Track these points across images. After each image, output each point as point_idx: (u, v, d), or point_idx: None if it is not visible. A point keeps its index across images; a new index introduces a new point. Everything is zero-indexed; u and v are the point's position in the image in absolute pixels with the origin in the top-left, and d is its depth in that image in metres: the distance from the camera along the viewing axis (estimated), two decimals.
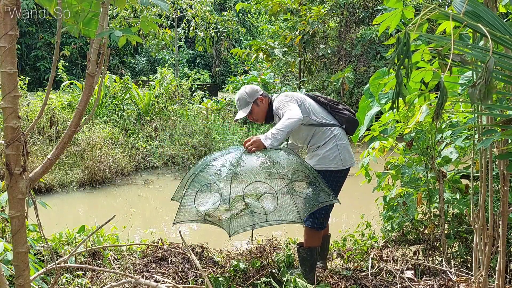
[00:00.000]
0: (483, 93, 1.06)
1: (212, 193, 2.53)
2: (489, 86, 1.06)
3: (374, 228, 3.52)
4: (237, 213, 2.44)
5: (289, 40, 10.10)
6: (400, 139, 3.09)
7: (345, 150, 2.85)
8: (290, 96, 2.87)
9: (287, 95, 2.88)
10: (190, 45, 20.09)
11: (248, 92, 2.91)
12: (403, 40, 1.17)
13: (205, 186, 2.52)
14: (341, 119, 2.90)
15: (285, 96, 2.87)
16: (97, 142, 6.83)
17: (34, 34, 17.11)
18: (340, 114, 2.91)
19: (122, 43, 1.60)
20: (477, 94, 1.07)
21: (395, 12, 2.06)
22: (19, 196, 1.34)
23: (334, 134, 2.84)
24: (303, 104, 2.83)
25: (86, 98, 1.43)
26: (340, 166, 2.82)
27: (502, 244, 1.87)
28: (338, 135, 2.85)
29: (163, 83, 9.37)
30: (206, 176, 2.55)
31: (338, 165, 2.81)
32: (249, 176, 2.47)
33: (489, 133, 1.73)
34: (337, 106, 2.95)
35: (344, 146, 2.86)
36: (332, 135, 2.84)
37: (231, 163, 2.50)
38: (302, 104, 2.82)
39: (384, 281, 2.82)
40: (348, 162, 2.86)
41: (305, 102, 2.85)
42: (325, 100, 2.96)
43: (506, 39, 1.26)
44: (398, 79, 1.21)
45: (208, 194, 2.53)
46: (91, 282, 2.68)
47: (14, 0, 1.20)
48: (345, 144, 2.87)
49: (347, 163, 2.85)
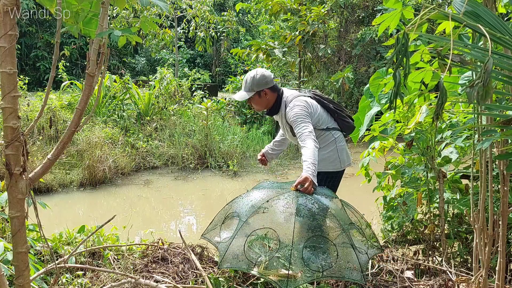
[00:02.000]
0: (481, 94, 1.06)
1: (265, 244, 2.21)
2: (487, 87, 1.06)
3: (374, 228, 3.52)
4: (294, 270, 2.09)
5: (289, 40, 10.09)
6: (400, 139, 3.09)
7: (344, 152, 2.93)
8: (305, 108, 2.73)
9: (303, 107, 2.73)
10: (190, 45, 20.10)
11: (257, 79, 2.75)
12: (401, 41, 1.17)
13: (258, 236, 2.20)
14: (343, 126, 2.97)
15: (301, 108, 2.72)
16: (97, 142, 6.83)
17: (34, 34, 17.12)
18: (344, 122, 2.96)
19: (122, 43, 1.60)
20: (475, 94, 1.07)
21: (394, 13, 2.06)
22: (19, 196, 1.34)
23: (335, 138, 2.90)
24: (314, 114, 2.81)
25: (86, 98, 1.43)
26: (338, 167, 2.90)
27: (502, 244, 1.87)
28: (338, 138, 2.92)
29: (163, 83, 9.37)
30: (258, 223, 2.23)
31: (337, 166, 2.89)
32: (309, 224, 2.16)
33: (489, 133, 1.72)
34: (342, 113, 2.98)
35: (343, 147, 2.93)
36: (332, 138, 2.90)
37: (289, 211, 2.16)
38: (313, 114, 2.80)
39: (384, 281, 2.82)
40: (346, 162, 2.94)
41: (316, 113, 2.83)
42: (334, 106, 2.97)
43: (505, 39, 1.26)
44: (396, 79, 1.21)
45: (261, 244, 2.22)
46: (91, 282, 2.68)
47: (14, 0, 1.20)
48: (343, 146, 2.94)
49: (345, 163, 2.93)
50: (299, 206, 2.18)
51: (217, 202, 6.10)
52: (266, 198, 2.32)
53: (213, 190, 6.64)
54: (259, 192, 2.42)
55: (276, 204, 2.27)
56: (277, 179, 6.86)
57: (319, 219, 2.18)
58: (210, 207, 5.88)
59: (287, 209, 2.21)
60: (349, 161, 2.97)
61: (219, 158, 7.60)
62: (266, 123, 9.55)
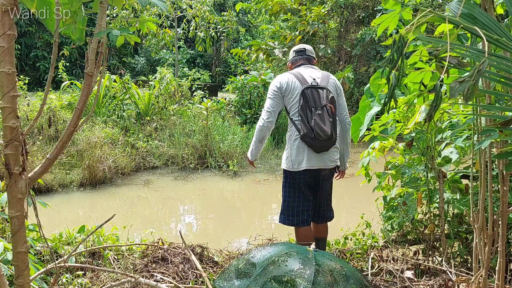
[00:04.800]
0: (470, 92, 1.05)
1: None
2: (474, 87, 1.06)
3: (374, 228, 3.52)
4: None
5: (289, 40, 10.09)
6: (400, 139, 3.09)
7: (300, 151, 2.89)
8: (273, 85, 2.94)
9: (272, 84, 2.96)
10: (190, 45, 20.11)
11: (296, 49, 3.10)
12: (397, 44, 1.17)
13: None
14: (305, 128, 2.88)
15: (271, 84, 2.97)
16: (97, 142, 6.84)
17: (33, 34, 17.13)
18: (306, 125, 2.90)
19: (120, 42, 1.60)
20: (464, 91, 1.06)
21: (393, 14, 2.06)
22: (18, 196, 1.34)
23: (291, 133, 2.94)
24: (287, 94, 2.91)
25: (84, 98, 1.43)
26: (290, 167, 2.91)
27: (502, 244, 1.87)
28: (295, 134, 2.92)
29: (163, 83, 9.37)
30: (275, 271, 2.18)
31: (289, 166, 2.92)
32: None
33: (488, 133, 1.72)
34: (306, 118, 2.88)
35: (302, 146, 2.89)
36: (289, 134, 2.96)
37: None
38: (286, 93, 2.92)
39: (384, 281, 2.82)
40: (301, 164, 2.88)
41: (289, 94, 2.91)
42: (303, 103, 2.92)
43: (502, 41, 1.26)
44: (389, 82, 1.20)
45: None
46: (91, 282, 2.68)
47: (12, 0, 1.20)
48: (303, 145, 2.90)
49: (300, 165, 2.88)
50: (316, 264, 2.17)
51: (217, 202, 6.10)
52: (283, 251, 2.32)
53: (213, 190, 6.64)
54: (275, 247, 2.44)
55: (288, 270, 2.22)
56: (277, 179, 6.86)
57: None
58: (210, 207, 5.88)
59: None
60: (309, 164, 2.85)
61: (219, 158, 7.60)
62: None
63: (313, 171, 2.89)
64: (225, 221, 5.22)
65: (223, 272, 2.43)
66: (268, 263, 2.21)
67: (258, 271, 2.19)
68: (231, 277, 2.30)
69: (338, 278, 2.15)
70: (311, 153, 2.85)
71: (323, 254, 2.32)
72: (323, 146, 2.84)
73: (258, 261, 2.27)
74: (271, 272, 2.17)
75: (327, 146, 2.86)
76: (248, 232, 4.04)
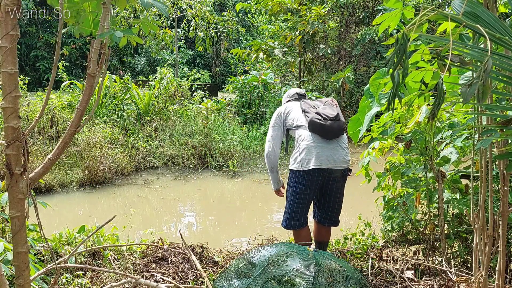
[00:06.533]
0: (481, 93, 1.06)
1: None
2: (485, 87, 1.06)
3: (374, 228, 3.52)
4: None
5: (289, 40, 10.10)
6: (400, 139, 3.09)
7: (308, 152, 2.92)
8: (275, 115, 3.20)
9: (275, 114, 3.21)
10: (190, 45, 20.10)
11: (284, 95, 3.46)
12: (400, 42, 1.17)
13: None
14: (314, 125, 2.96)
15: (274, 115, 3.23)
16: (97, 142, 6.83)
17: (34, 34, 17.12)
18: (315, 121, 2.97)
19: (122, 43, 1.60)
20: (475, 93, 1.07)
21: (394, 13, 2.06)
22: (19, 196, 1.34)
23: (299, 136, 3.03)
24: (287, 116, 3.17)
25: (86, 98, 1.43)
26: (299, 167, 2.93)
27: (502, 244, 1.87)
28: (303, 137, 2.99)
29: (163, 83, 9.37)
30: (276, 271, 2.19)
31: (297, 166, 2.95)
32: None
33: (489, 133, 1.73)
34: (309, 114, 3.02)
35: (309, 147, 2.94)
36: (297, 136, 3.06)
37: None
38: (286, 116, 3.17)
39: (384, 281, 2.82)
40: (310, 163, 2.89)
41: (288, 114, 3.16)
42: (302, 107, 3.15)
43: (505, 40, 1.26)
44: (393, 80, 1.21)
45: None
46: (91, 282, 2.68)
47: (15, 0, 1.20)
48: (311, 145, 2.94)
49: (309, 164, 2.89)
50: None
51: (217, 202, 6.10)
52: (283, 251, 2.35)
53: (213, 190, 6.64)
54: (275, 248, 2.47)
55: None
56: None
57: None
58: (210, 207, 5.88)
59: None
60: (318, 164, 2.86)
61: (219, 158, 7.60)
62: (266, 123, 9.54)
63: (322, 171, 2.88)
64: (225, 221, 5.23)
65: (223, 272, 2.43)
66: (268, 263, 2.22)
67: (258, 271, 2.20)
68: (231, 277, 2.31)
69: (338, 278, 2.16)
70: (320, 151, 2.88)
71: (323, 254, 2.33)
72: (332, 127, 2.86)
73: (258, 261, 2.28)
74: (271, 272, 2.18)
75: (336, 129, 2.89)
76: (248, 232, 4.03)
